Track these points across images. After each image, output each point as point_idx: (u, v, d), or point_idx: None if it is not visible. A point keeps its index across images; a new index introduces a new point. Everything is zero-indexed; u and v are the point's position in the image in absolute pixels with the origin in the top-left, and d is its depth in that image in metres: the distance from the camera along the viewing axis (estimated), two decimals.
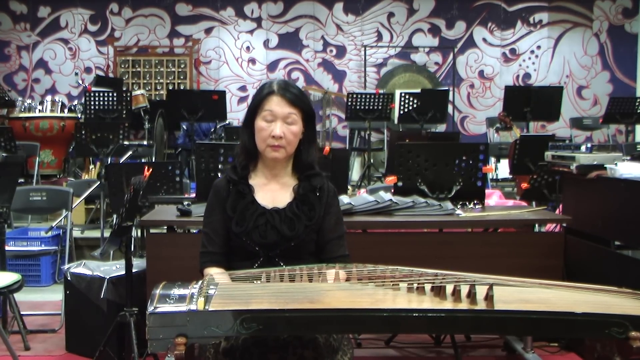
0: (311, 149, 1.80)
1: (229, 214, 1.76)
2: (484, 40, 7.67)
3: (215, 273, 1.65)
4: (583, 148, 3.03)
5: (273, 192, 1.80)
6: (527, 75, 7.70)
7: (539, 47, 7.69)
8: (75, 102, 6.42)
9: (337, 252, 1.79)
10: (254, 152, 1.79)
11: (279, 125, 1.72)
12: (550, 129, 7.39)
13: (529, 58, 7.70)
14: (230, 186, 1.79)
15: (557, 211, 3.41)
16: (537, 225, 3.08)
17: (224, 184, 1.80)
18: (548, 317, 1.27)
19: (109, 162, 4.82)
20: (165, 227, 2.80)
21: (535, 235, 2.99)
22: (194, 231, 2.88)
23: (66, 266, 3.10)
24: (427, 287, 1.39)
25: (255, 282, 1.52)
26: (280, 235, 1.73)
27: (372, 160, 6.15)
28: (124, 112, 5.65)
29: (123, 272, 2.67)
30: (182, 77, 7.46)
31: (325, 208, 1.79)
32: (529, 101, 5.70)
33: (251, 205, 1.76)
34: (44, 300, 3.99)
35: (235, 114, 7.43)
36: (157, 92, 7.41)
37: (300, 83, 7.59)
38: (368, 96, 5.94)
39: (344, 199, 2.76)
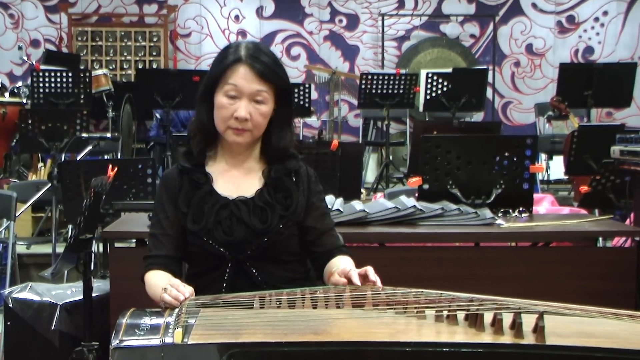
0: (284, 132, 1.81)
1: (182, 210, 1.77)
2: (534, 5, 7.67)
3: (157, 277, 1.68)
4: None
5: (236, 179, 1.82)
6: (589, 50, 7.69)
7: (605, 14, 7.67)
8: (19, 83, 6.42)
9: (336, 244, 1.84)
10: (213, 133, 1.80)
11: (244, 105, 1.73)
12: (618, 117, 7.37)
13: (592, 27, 7.68)
14: (182, 177, 1.81)
15: (626, 221, 3.41)
16: (600, 238, 3.07)
17: (175, 175, 1.82)
18: (616, 357, 1.27)
19: (62, 159, 4.84)
20: (134, 240, 2.82)
21: (599, 251, 3.00)
22: None
23: (7, 290, 3.11)
24: (460, 315, 1.40)
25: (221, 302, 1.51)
26: (250, 230, 1.74)
27: (391, 158, 6.16)
28: (82, 96, 5.67)
29: (80, 297, 2.68)
30: (154, 54, 7.48)
31: (308, 197, 1.82)
32: (591, 82, 5.69)
33: (209, 196, 1.78)
34: None
35: None
36: (124, 72, 7.44)
37: (302, 61, 7.61)
38: (386, 77, 5.94)
39: (357, 205, 2.77)
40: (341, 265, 1.73)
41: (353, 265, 1.76)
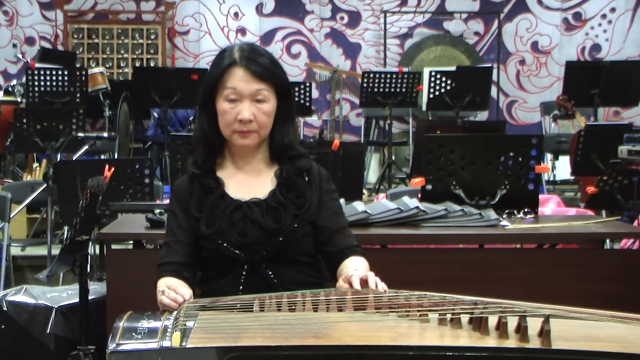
0: (286, 129, 1.84)
1: (195, 215, 1.79)
2: (539, 2, 7.67)
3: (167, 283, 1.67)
4: None
5: (248, 182, 1.84)
6: (596, 47, 7.69)
7: (612, 10, 7.67)
8: (14, 82, 6.43)
9: (348, 243, 1.84)
10: (216, 140, 1.82)
11: (247, 106, 1.75)
12: (625, 116, 7.37)
13: (599, 25, 7.68)
14: (193, 183, 1.83)
15: (635, 223, 3.41)
16: (607, 240, 3.07)
17: (185, 182, 1.85)
18: None
19: (58, 159, 4.84)
20: (131, 242, 2.84)
21: (606, 253, 3.00)
22: None
23: (1, 293, 3.11)
24: (464, 318, 1.40)
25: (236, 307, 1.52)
26: (264, 230, 1.77)
27: (393, 157, 6.16)
28: (78, 95, 5.67)
29: (76, 300, 2.68)
30: (152, 52, 7.49)
31: (320, 196, 1.84)
32: (598, 81, 5.69)
33: (221, 200, 1.80)
34: None
35: None
36: (121, 71, 7.44)
37: (303, 59, 7.62)
38: (388, 76, 5.95)
39: (359, 206, 2.77)
40: (352, 267, 1.75)
41: (366, 267, 1.77)
